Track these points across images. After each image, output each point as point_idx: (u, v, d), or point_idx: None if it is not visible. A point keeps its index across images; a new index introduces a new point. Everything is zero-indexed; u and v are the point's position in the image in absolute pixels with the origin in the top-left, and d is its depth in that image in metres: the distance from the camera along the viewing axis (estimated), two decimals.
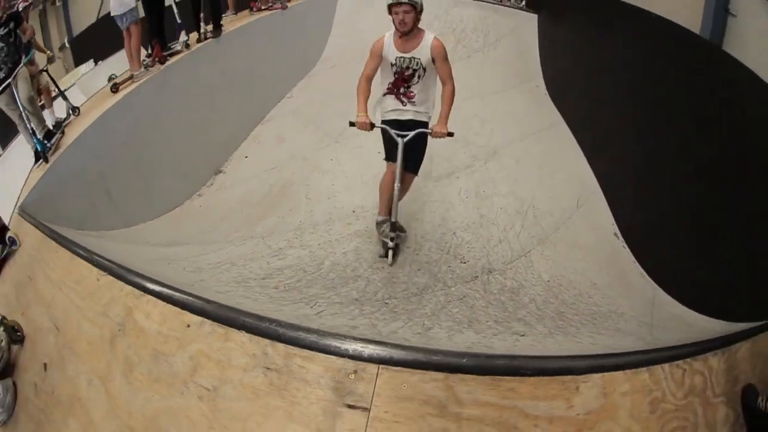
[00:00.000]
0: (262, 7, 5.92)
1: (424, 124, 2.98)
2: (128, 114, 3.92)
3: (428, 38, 2.82)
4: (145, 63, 4.76)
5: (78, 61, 4.78)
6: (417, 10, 2.71)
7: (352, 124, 2.93)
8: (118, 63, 4.50)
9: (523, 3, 8.00)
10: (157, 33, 4.94)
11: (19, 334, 2.31)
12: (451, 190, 4.06)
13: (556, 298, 2.95)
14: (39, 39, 4.09)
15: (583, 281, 3.14)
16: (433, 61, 2.83)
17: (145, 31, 4.70)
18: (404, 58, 2.83)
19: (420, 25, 2.82)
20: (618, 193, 3.96)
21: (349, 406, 1.53)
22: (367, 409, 1.52)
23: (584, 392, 1.60)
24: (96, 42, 4.72)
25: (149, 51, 4.76)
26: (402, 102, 2.95)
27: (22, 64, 3.72)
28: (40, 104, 3.95)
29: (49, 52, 4.51)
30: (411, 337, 2.27)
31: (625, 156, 4.07)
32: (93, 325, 1.92)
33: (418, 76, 2.86)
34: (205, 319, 1.68)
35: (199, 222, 3.68)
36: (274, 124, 5.10)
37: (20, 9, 3.75)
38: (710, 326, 2.30)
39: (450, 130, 2.92)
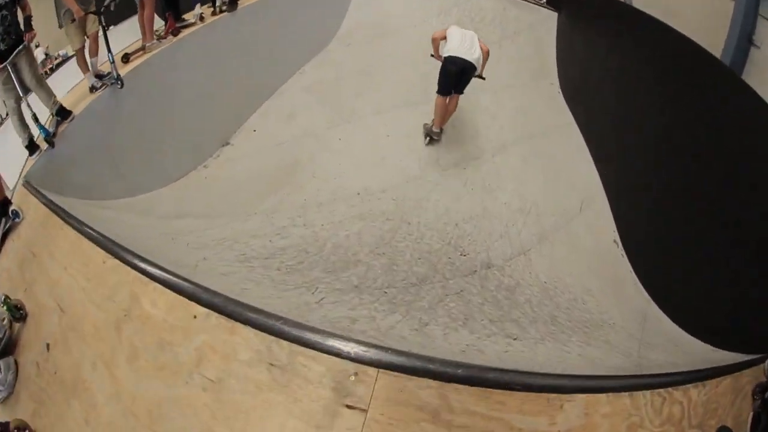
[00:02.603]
0: None
1: None
2: (138, 85, 3.82)
3: None
4: (158, 34, 4.61)
5: None
6: None
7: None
8: (131, 30, 4.36)
9: (544, 0, 7.67)
10: (171, 5, 4.82)
11: (21, 312, 2.29)
12: (458, 181, 4.05)
13: (551, 300, 3.04)
14: None
15: (579, 285, 3.21)
16: None
17: (159, 2, 4.50)
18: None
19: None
20: (622, 201, 3.95)
21: (348, 407, 1.60)
22: (364, 411, 1.60)
23: (567, 411, 1.68)
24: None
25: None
26: None
27: (25, 44, 3.45)
28: (85, 48, 3.79)
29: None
30: (408, 335, 2.35)
31: (633, 166, 4.03)
32: (99, 309, 1.92)
33: None
34: (212, 312, 1.71)
35: (205, 193, 3.65)
36: (284, 99, 4.96)
37: None
38: (696, 350, 2.39)
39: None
